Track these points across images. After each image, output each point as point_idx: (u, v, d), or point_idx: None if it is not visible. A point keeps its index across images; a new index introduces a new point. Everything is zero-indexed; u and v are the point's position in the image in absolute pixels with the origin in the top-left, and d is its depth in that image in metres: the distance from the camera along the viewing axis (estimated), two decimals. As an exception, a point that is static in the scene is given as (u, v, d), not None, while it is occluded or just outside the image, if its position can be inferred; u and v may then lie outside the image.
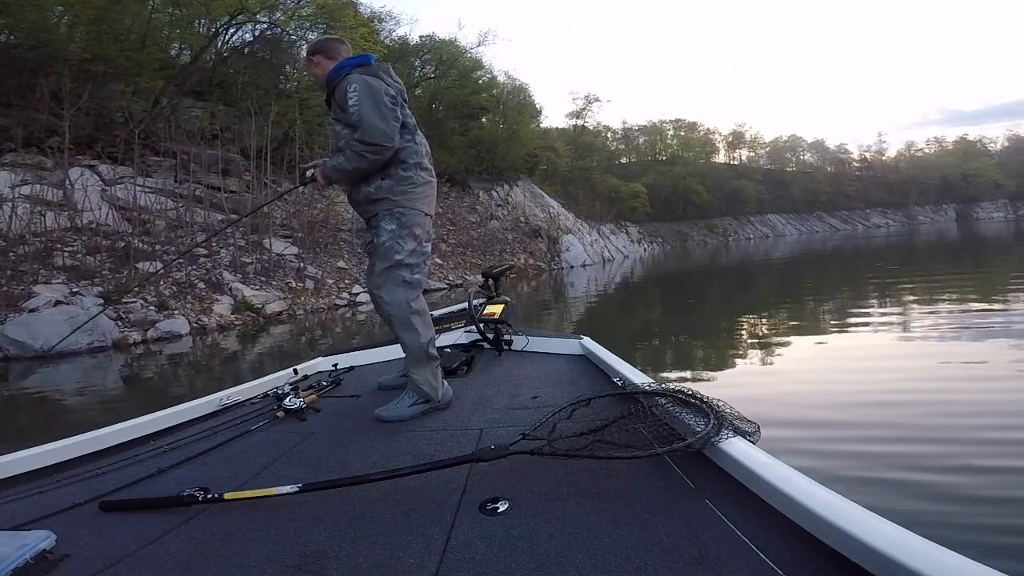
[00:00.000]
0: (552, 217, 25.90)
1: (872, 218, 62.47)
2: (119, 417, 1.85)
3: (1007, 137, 77.11)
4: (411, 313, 1.88)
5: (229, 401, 2.10)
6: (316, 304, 10.12)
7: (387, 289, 1.90)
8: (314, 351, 6.88)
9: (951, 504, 2.00)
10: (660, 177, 45.55)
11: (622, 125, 55.72)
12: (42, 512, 1.16)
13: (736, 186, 51.49)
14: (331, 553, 0.94)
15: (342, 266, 12.25)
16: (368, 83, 1.82)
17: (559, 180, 33.49)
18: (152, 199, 10.40)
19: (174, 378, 5.68)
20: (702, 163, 54.00)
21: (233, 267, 9.74)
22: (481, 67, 27.29)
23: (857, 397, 3.33)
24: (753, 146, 66.40)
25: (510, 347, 2.80)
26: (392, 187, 1.89)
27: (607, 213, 35.07)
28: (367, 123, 1.78)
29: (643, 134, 56.60)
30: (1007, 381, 3.47)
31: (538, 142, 31.22)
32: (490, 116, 27.28)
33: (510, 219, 23.65)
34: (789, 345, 5.25)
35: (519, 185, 27.22)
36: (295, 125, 13.40)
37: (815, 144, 70.46)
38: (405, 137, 1.90)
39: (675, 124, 56.83)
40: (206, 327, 7.99)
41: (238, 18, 14.18)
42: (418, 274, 1.93)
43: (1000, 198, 65.52)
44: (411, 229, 1.90)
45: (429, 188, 1.98)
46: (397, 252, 1.88)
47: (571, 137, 40.66)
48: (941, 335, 4.95)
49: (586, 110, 42.64)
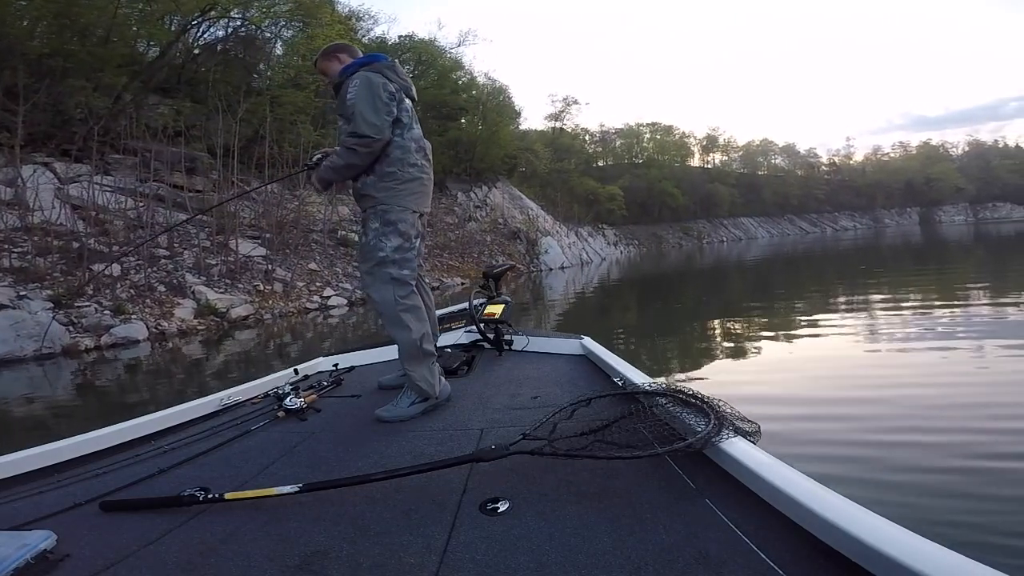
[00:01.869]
0: (531, 219, 25.83)
1: (840, 221, 64.11)
2: (71, 428, 1.79)
3: (967, 142, 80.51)
4: (400, 310, 1.86)
5: (229, 401, 2.10)
6: (285, 308, 9.80)
7: (375, 288, 1.90)
8: (282, 357, 6.64)
9: (932, 495, 2.01)
10: (636, 180, 45.92)
11: (600, 128, 56.02)
12: (43, 512, 1.16)
13: (710, 189, 52.19)
14: (332, 553, 0.94)
15: (313, 268, 11.91)
16: (368, 78, 1.86)
17: (538, 182, 33.46)
18: (111, 198, 9.94)
19: (131, 387, 5.39)
20: (677, 166, 54.62)
21: (197, 269, 9.36)
22: (461, 67, 27.19)
23: (842, 393, 3.38)
24: (726, 150, 67.42)
25: (510, 347, 2.81)
26: (375, 183, 1.90)
27: (585, 215, 35.19)
28: (358, 116, 1.81)
29: (620, 137, 56.98)
30: (997, 375, 3.54)
31: (517, 143, 31.15)
32: (469, 117, 27.12)
33: (488, 221, 23.50)
34: (761, 347, 5.27)
35: (498, 187, 27.09)
36: (266, 123, 13.01)
37: (786, 148, 72.04)
38: (395, 132, 1.90)
39: (651, 127, 57.43)
40: (166, 332, 7.65)
41: (210, 14, 13.78)
42: (406, 270, 1.91)
43: (961, 201, 68.15)
44: (395, 226, 1.89)
45: (417, 185, 1.96)
46: (380, 249, 1.88)
47: (550, 139, 40.71)
48: (909, 335, 5.03)
49: (565, 112, 42.82)
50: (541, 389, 2.02)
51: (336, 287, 11.50)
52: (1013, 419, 2.79)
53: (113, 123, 11.47)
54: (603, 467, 1.17)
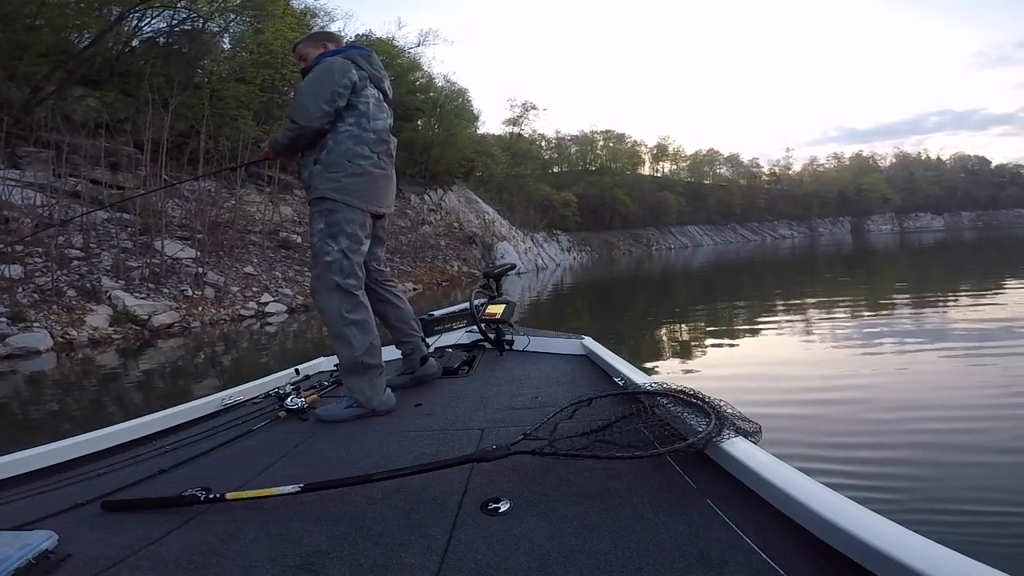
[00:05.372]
0: (487, 223, 25.67)
1: (779, 229, 67.49)
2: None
3: (894, 154, 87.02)
4: (344, 325, 1.80)
5: (231, 401, 2.11)
6: (216, 315, 9.14)
7: (321, 296, 1.83)
8: (216, 368, 6.14)
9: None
10: (589, 187, 46.71)
11: (556, 134, 56.78)
12: (44, 512, 1.15)
13: (659, 198, 53.66)
14: (332, 553, 0.93)
15: (250, 272, 11.21)
16: (330, 64, 1.82)
17: (495, 186, 33.39)
18: (20, 194, 9.01)
19: (31, 401, 4.79)
20: (628, 174, 56.05)
21: (115, 272, 8.58)
22: (419, 68, 26.71)
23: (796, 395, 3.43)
24: (675, 159, 69.84)
25: (511, 347, 2.83)
26: (321, 173, 1.81)
27: (540, 221, 35.40)
28: (296, 100, 1.81)
29: (575, 144, 57.99)
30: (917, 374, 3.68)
31: (475, 147, 30.93)
32: (425, 119, 26.66)
33: (443, 225, 23.14)
34: (707, 349, 5.34)
35: (453, 190, 26.77)
36: (204, 117, 12.18)
37: (731, 158, 75.34)
38: (348, 120, 1.82)
39: (605, 135, 58.79)
40: (74, 342, 6.94)
41: (153, 3, 12.91)
42: (352, 279, 1.82)
43: (888, 211, 73.39)
44: (342, 227, 1.80)
45: (367, 180, 1.85)
46: (327, 254, 1.80)
47: (507, 144, 40.77)
48: (838, 335, 5.20)
49: (523, 117, 43.12)
50: (542, 389, 2.03)
51: (275, 292, 10.87)
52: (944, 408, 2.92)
53: (26, 115, 10.51)
54: (604, 467, 1.17)
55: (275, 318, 9.81)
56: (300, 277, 11.99)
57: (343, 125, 1.81)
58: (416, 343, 2.19)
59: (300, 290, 11.33)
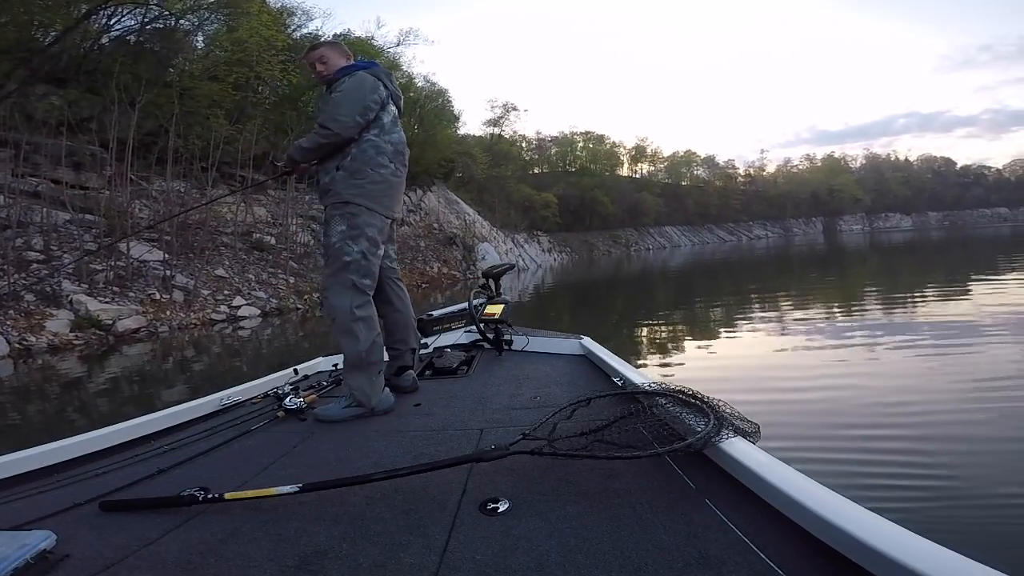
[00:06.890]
0: (467, 224, 25.50)
1: (755, 230, 68.66)
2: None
3: (864, 156, 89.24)
4: (354, 320, 1.87)
5: (229, 401, 2.11)
6: (186, 319, 8.85)
7: (333, 292, 1.90)
8: (186, 374, 5.93)
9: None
10: (569, 188, 46.87)
11: (536, 135, 56.81)
12: (42, 512, 1.15)
13: (638, 199, 54.08)
14: (331, 553, 0.94)
15: (221, 274, 10.88)
16: (364, 78, 1.95)
17: (475, 187, 33.24)
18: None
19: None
20: (608, 175, 56.44)
21: (78, 275, 8.25)
22: (399, 68, 26.37)
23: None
24: (653, 160, 70.54)
25: (510, 347, 2.84)
26: (345, 179, 1.91)
27: (521, 222, 35.38)
28: (332, 108, 1.90)
29: (555, 144, 58.15)
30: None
31: (455, 147, 30.75)
32: (405, 119, 26.33)
33: (423, 226, 22.90)
34: (685, 347, 5.36)
35: (433, 190, 26.54)
36: (174, 116, 11.78)
37: (707, 160, 76.33)
38: (372, 131, 1.94)
39: (585, 136, 59.11)
40: (32, 348, 6.64)
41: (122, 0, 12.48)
42: (368, 279, 1.92)
43: (859, 211, 75.34)
44: (363, 230, 1.90)
45: (387, 187, 1.97)
46: (347, 254, 1.89)
47: (488, 145, 40.66)
48: (809, 331, 5.28)
49: (504, 118, 43.06)
50: (541, 389, 2.05)
51: (248, 296, 10.59)
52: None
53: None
54: (603, 467, 1.17)
55: (248, 322, 9.56)
56: (274, 280, 11.72)
57: (367, 135, 1.94)
58: (401, 352, 2.20)
59: (274, 293, 11.07)
